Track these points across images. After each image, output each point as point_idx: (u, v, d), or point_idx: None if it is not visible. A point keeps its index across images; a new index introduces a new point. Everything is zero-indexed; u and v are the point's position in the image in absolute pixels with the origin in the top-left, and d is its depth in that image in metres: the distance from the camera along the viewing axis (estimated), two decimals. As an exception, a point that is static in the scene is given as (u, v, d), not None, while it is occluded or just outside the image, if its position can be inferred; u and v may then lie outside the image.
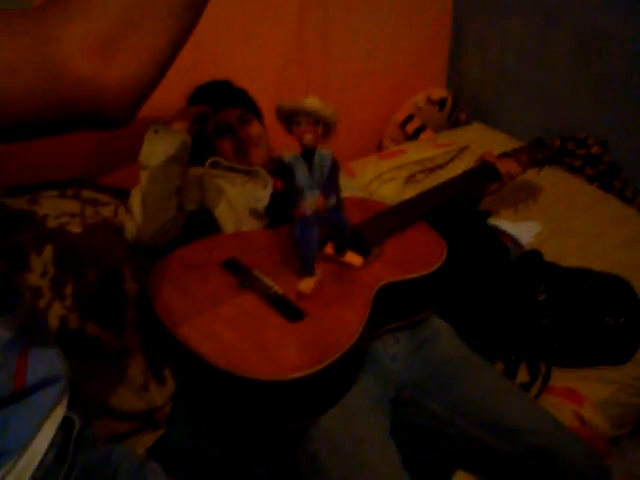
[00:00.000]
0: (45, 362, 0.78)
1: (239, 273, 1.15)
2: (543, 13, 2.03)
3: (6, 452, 0.71)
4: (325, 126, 1.00)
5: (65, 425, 0.81)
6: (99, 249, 1.25)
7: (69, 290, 1.16)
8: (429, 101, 2.31)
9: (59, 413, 0.80)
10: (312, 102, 0.96)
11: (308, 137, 0.99)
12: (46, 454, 0.76)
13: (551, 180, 1.86)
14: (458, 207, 1.52)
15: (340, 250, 1.16)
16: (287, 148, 1.28)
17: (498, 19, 2.21)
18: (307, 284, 1.09)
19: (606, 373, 1.35)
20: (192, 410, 1.17)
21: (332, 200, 1.07)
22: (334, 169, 1.06)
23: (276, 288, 1.10)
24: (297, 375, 0.92)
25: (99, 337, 1.13)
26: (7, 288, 0.75)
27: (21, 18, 0.51)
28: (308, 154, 1.03)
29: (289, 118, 0.99)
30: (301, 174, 1.02)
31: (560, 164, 1.76)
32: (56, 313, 1.12)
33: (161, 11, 0.54)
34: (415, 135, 2.27)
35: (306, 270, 1.10)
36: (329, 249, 1.17)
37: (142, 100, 0.57)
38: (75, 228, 1.29)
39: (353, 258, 1.17)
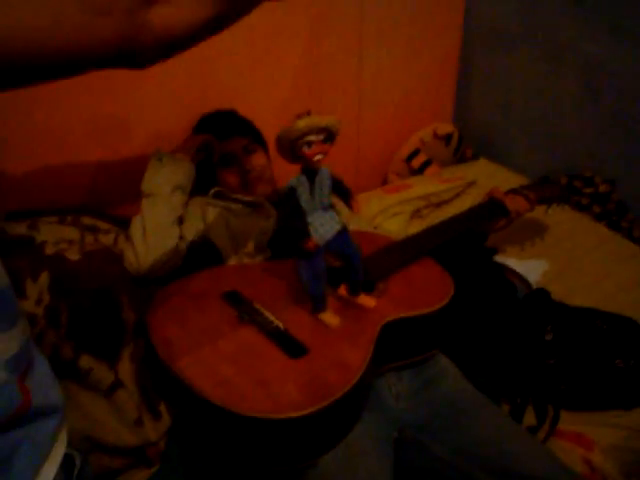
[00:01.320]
0: (44, 389, 0.75)
1: (240, 306, 1.12)
2: (550, 48, 2.03)
3: None
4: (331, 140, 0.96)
5: (65, 464, 0.77)
6: (96, 277, 1.22)
7: (64, 318, 1.13)
8: (435, 136, 2.30)
9: (60, 451, 0.76)
10: (326, 118, 0.91)
11: (319, 157, 0.93)
12: None
13: (558, 218, 1.84)
14: (465, 243, 1.49)
15: (354, 291, 1.12)
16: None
17: (505, 54, 2.21)
18: (333, 319, 1.07)
19: (616, 417, 1.30)
20: (187, 447, 1.13)
21: (337, 225, 1.03)
22: (339, 188, 1.01)
23: (277, 322, 1.07)
24: (297, 414, 0.88)
25: (93, 369, 1.09)
26: (11, 303, 0.72)
27: None
28: (311, 174, 0.97)
29: (295, 141, 0.93)
30: (305, 197, 0.98)
31: (567, 202, 1.74)
32: (49, 341, 1.09)
33: None
34: (421, 170, 2.26)
35: (320, 307, 1.08)
36: (343, 291, 1.14)
37: (171, 50, 0.64)
38: (73, 255, 1.26)
39: (367, 300, 1.13)
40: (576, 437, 1.26)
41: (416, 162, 2.26)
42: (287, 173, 1.01)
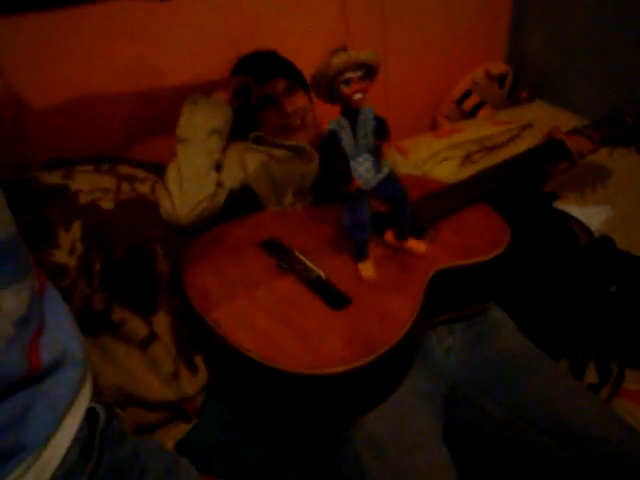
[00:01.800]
0: (61, 343, 0.71)
1: (279, 254, 1.06)
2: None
3: (25, 447, 0.64)
4: (371, 77, 0.88)
5: (89, 418, 0.74)
6: (131, 226, 1.17)
7: (97, 268, 1.08)
8: (488, 76, 2.16)
9: (82, 404, 0.73)
10: (363, 53, 0.84)
11: (359, 96, 0.86)
12: (69, 450, 0.69)
13: (621, 162, 1.71)
14: (522, 187, 1.39)
15: (402, 236, 1.04)
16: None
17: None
18: (368, 270, 1.00)
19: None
20: (226, 402, 1.08)
21: (384, 168, 0.95)
22: (381, 128, 0.92)
23: (319, 272, 1.01)
24: (340, 369, 0.83)
25: (126, 320, 1.05)
26: (20, 254, 0.68)
27: None
28: (352, 115, 0.90)
29: (332, 81, 0.86)
30: (348, 141, 0.90)
31: (633, 144, 1.61)
32: (81, 292, 1.05)
33: None
34: (473, 112, 2.14)
35: (361, 255, 1.01)
36: (389, 236, 1.06)
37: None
38: (107, 204, 1.21)
39: (416, 245, 1.05)
40: (643, 397, 1.17)
41: (468, 104, 2.14)
42: (330, 116, 0.93)
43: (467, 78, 2.18)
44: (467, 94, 2.15)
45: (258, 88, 1.47)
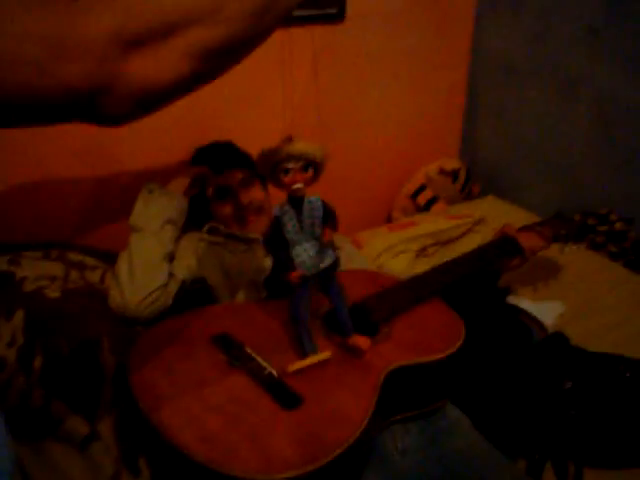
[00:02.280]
0: None
1: (230, 350, 1.03)
2: (561, 82, 1.96)
3: None
4: (315, 168, 0.89)
5: None
6: (76, 318, 1.13)
7: (38, 363, 1.03)
8: (442, 172, 2.22)
9: None
10: (302, 145, 0.85)
11: (298, 186, 0.87)
12: None
13: (572, 257, 1.74)
14: (476, 283, 1.40)
15: (343, 332, 1.03)
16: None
17: (514, 87, 2.14)
18: (362, 341, 1.01)
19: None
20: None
21: (328, 258, 0.95)
22: (328, 218, 0.93)
23: (271, 369, 0.97)
24: (291, 474, 0.78)
25: (65, 418, 0.99)
26: None
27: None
28: (296, 203, 0.90)
29: (274, 167, 0.87)
30: (291, 228, 0.91)
31: (582, 241, 1.65)
32: (19, 388, 0.99)
33: (201, 38, 0.56)
34: (427, 207, 2.18)
35: (306, 349, 0.99)
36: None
37: (146, 108, 0.59)
38: (52, 293, 1.17)
39: (360, 341, 1.02)
40: (602, 499, 1.14)
41: (422, 199, 2.18)
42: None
43: (421, 173, 2.23)
44: (421, 188, 2.19)
45: (214, 179, 1.47)
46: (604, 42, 1.79)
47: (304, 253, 0.92)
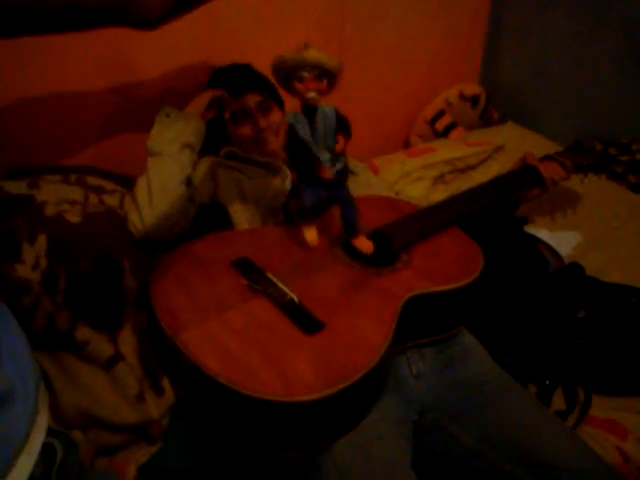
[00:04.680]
0: (7, 380, 0.67)
1: (251, 275, 1.04)
2: (589, 6, 1.89)
3: None
4: (330, 79, 0.88)
5: (45, 454, 0.70)
6: (98, 241, 1.14)
7: (61, 285, 1.05)
8: (461, 97, 2.17)
9: (36, 441, 0.69)
10: (316, 54, 0.85)
11: (311, 94, 0.87)
12: None
13: (591, 187, 1.72)
14: (494, 212, 1.39)
15: (349, 233, 1.06)
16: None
17: (539, 12, 2.07)
18: (312, 235, 1.03)
19: (653, 403, 1.21)
20: (191, 426, 1.05)
21: (339, 163, 0.96)
22: (342, 127, 0.93)
23: (291, 295, 0.98)
24: (310, 397, 0.80)
25: (90, 340, 1.02)
26: None
27: None
28: (310, 112, 0.90)
29: (289, 75, 0.87)
30: (303, 134, 0.91)
31: (603, 172, 1.63)
32: (44, 310, 1.01)
33: None
34: (445, 133, 2.14)
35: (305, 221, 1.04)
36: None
37: (180, 7, 0.62)
38: (73, 217, 1.18)
39: (364, 243, 1.06)
40: (608, 424, 1.17)
41: (440, 124, 2.14)
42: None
43: (440, 98, 2.18)
44: (440, 114, 2.15)
45: (232, 102, 1.44)
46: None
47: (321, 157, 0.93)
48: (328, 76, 0.87)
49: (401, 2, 1.94)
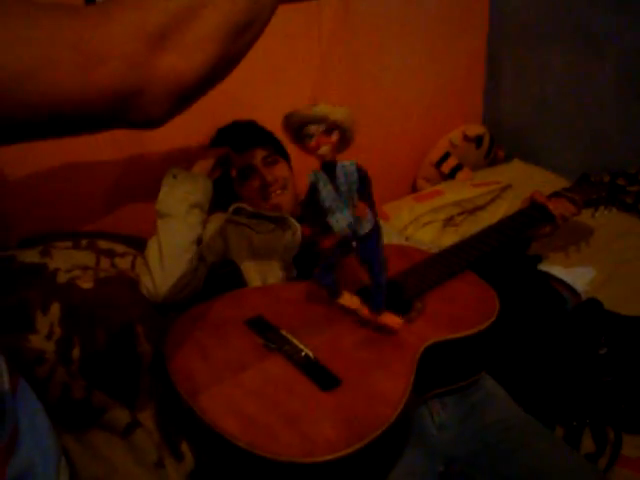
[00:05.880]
0: (27, 458, 0.65)
1: (265, 333, 1.03)
2: (586, 41, 1.91)
3: None
4: (342, 134, 0.85)
5: None
6: (110, 306, 1.14)
7: (76, 354, 1.05)
8: (465, 138, 2.18)
9: None
10: (320, 107, 0.82)
11: (323, 150, 0.84)
12: None
13: (602, 220, 1.71)
14: (506, 252, 1.38)
15: (375, 308, 1.00)
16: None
17: (537, 48, 2.09)
18: (349, 301, 1.02)
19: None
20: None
21: (367, 224, 0.90)
22: (364, 183, 0.89)
23: (307, 351, 0.97)
24: (332, 456, 0.79)
25: (107, 408, 1.00)
26: None
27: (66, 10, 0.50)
28: (329, 168, 0.87)
29: (299, 133, 0.84)
30: (325, 194, 0.87)
31: (614, 204, 1.62)
32: (59, 380, 1.00)
33: (219, 16, 0.56)
34: (452, 175, 2.15)
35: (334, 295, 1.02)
36: (365, 311, 1.01)
37: (183, 103, 0.58)
38: (85, 283, 1.18)
39: (391, 319, 1.00)
40: (643, 464, 1.14)
41: (446, 166, 2.15)
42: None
43: (445, 140, 2.19)
44: (445, 156, 2.16)
45: (237, 158, 1.46)
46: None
47: (343, 220, 0.88)
48: (340, 129, 0.85)
49: (398, 50, 1.98)
